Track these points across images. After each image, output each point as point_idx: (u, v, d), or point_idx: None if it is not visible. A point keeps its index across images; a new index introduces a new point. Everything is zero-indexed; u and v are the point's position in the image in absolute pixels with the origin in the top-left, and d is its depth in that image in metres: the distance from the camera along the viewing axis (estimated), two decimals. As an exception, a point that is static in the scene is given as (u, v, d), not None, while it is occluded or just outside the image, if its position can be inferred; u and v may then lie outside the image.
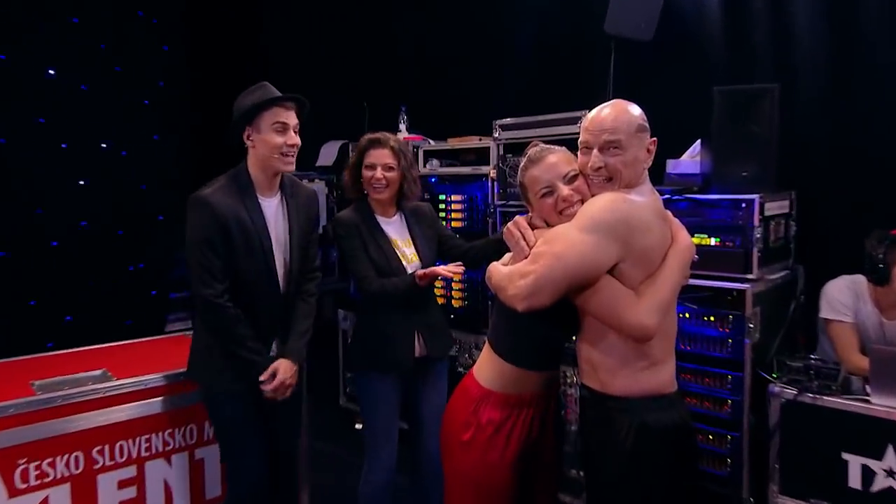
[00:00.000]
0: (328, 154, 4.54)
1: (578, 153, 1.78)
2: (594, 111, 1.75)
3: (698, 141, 2.91)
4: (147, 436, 2.32)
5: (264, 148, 2.15)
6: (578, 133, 2.86)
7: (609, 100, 2.78)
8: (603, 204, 1.63)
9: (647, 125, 1.73)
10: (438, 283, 3.54)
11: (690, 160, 2.90)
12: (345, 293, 4.41)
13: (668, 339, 1.71)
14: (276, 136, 2.14)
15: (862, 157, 2.87)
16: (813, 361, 2.39)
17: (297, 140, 2.18)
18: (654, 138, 1.74)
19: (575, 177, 1.77)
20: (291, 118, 2.18)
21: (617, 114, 1.69)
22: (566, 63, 3.70)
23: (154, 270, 4.45)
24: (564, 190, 1.74)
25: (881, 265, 2.48)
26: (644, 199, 1.68)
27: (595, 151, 1.69)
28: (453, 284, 3.46)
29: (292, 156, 2.18)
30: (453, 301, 3.48)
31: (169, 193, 4.53)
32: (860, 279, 2.57)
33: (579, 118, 2.91)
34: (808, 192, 2.90)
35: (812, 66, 2.99)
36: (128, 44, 4.36)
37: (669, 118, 2.71)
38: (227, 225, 2.08)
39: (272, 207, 2.22)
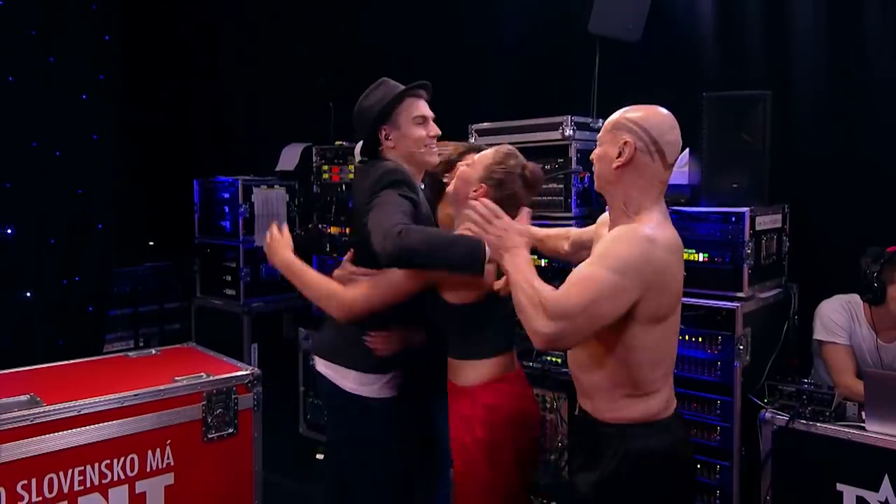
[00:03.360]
0: (289, 158, 4.55)
1: None
2: None
3: (687, 150, 2.98)
4: (81, 468, 2.27)
5: (408, 144, 2.19)
6: (559, 139, 3.00)
7: (594, 102, 2.85)
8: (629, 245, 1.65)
9: (631, 126, 1.73)
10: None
11: (679, 170, 2.97)
12: (306, 310, 4.41)
13: (663, 365, 1.77)
14: (418, 129, 2.19)
15: (858, 170, 2.98)
16: (806, 386, 2.46)
17: (438, 130, 2.24)
18: (629, 140, 1.71)
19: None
20: (428, 108, 2.24)
21: (616, 114, 1.80)
22: (548, 65, 3.78)
23: (91, 285, 4.38)
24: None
25: (876, 284, 2.57)
26: (662, 235, 1.70)
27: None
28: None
29: (436, 147, 2.23)
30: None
31: (108, 199, 4.49)
32: (856, 299, 2.66)
33: (560, 124, 2.97)
34: (802, 205, 2.99)
35: (806, 73, 3.09)
36: (63, 31, 4.29)
37: (657, 125, 2.79)
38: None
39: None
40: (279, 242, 2.24)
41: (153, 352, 2.94)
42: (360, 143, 3.62)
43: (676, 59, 3.47)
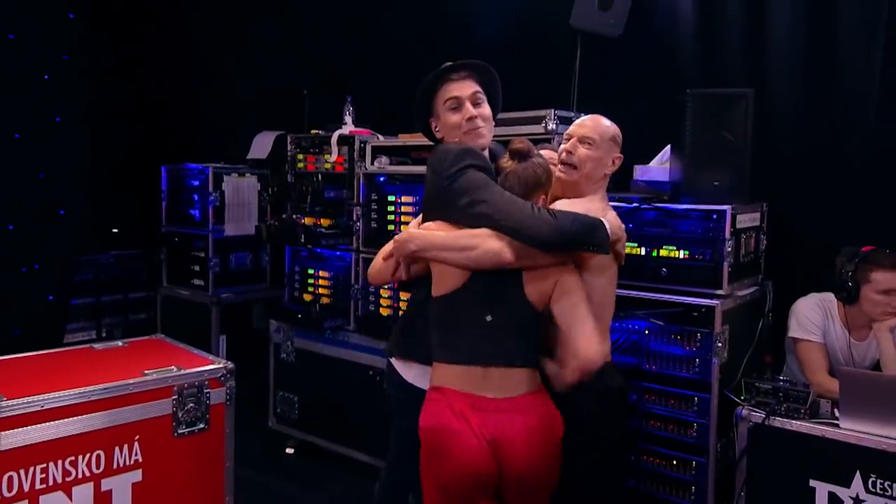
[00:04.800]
0: (261, 146, 4.47)
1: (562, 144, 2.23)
2: (588, 117, 2.24)
3: (668, 146, 2.99)
4: (43, 465, 2.18)
5: (448, 132, 2.13)
6: (542, 133, 2.97)
7: (574, 97, 3.14)
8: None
9: (619, 141, 2.21)
10: (385, 293, 3.53)
11: (659, 167, 2.99)
12: (276, 302, 4.34)
13: (609, 310, 2.18)
14: (452, 115, 2.10)
15: (832, 169, 3.03)
16: (782, 383, 2.49)
17: (474, 111, 2.08)
18: (621, 155, 2.20)
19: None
20: (464, 88, 2.10)
21: (598, 119, 2.22)
22: (529, 58, 3.75)
23: (52, 272, 4.24)
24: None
25: (850, 283, 2.61)
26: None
27: (574, 140, 2.16)
28: (402, 294, 3.43)
29: (479, 128, 2.09)
30: (401, 312, 3.45)
31: (72, 184, 4.34)
32: (830, 297, 2.70)
33: (544, 117, 2.95)
34: (777, 203, 3.02)
35: (782, 72, 3.13)
36: (24, 8, 4.14)
37: (638, 121, 2.79)
38: None
39: None
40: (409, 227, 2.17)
41: (120, 344, 2.85)
42: (337, 133, 3.64)
43: (657, 55, 3.49)
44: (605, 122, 2.21)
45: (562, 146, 2.21)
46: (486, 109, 2.12)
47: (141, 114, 5.01)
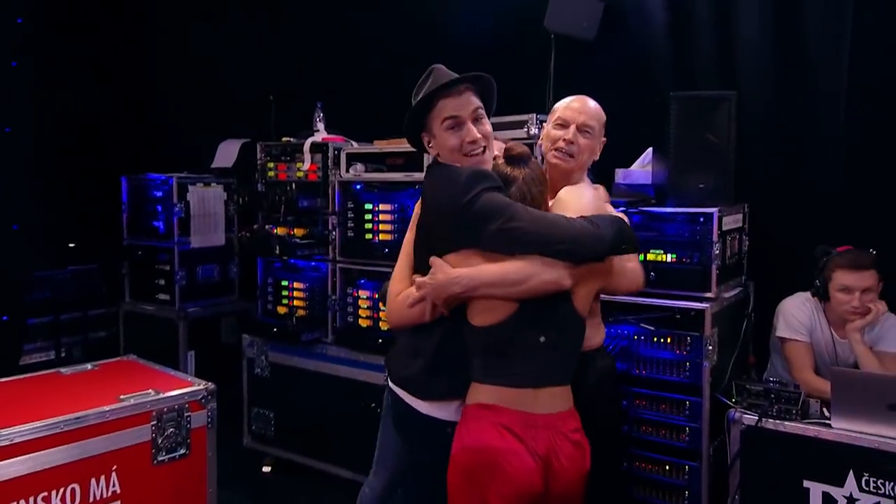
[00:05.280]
0: (226, 154, 4.36)
1: (548, 127, 2.18)
2: (574, 97, 2.19)
3: (650, 149, 2.99)
4: (14, 503, 2.04)
5: (445, 153, 1.94)
6: (524, 138, 2.94)
7: (550, 101, 3.03)
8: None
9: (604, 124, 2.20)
10: (364, 304, 3.45)
11: (641, 170, 2.98)
12: (246, 315, 4.21)
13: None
14: (450, 136, 1.90)
15: (806, 169, 3.07)
16: (772, 384, 2.50)
17: (476, 134, 1.90)
18: (605, 139, 2.22)
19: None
20: (465, 105, 1.91)
21: (594, 105, 2.17)
22: (504, 61, 3.71)
23: (6, 291, 4.02)
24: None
25: (818, 282, 2.67)
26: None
27: (573, 128, 2.10)
28: (381, 305, 3.36)
29: (480, 151, 1.92)
30: (381, 323, 3.39)
31: (25, 197, 4.13)
32: None
33: (526, 122, 2.93)
34: (754, 204, 3.04)
35: (755, 74, 3.16)
36: (-31, 12, 3.93)
37: (615, 124, 2.77)
38: None
39: None
40: (440, 267, 1.89)
41: (89, 367, 2.70)
42: (309, 140, 3.54)
43: (631, 58, 3.49)
44: (597, 105, 2.19)
45: (555, 131, 2.13)
46: (487, 127, 1.95)
47: (97, 122, 4.80)
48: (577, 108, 2.14)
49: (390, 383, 2.07)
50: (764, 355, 2.97)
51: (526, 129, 2.91)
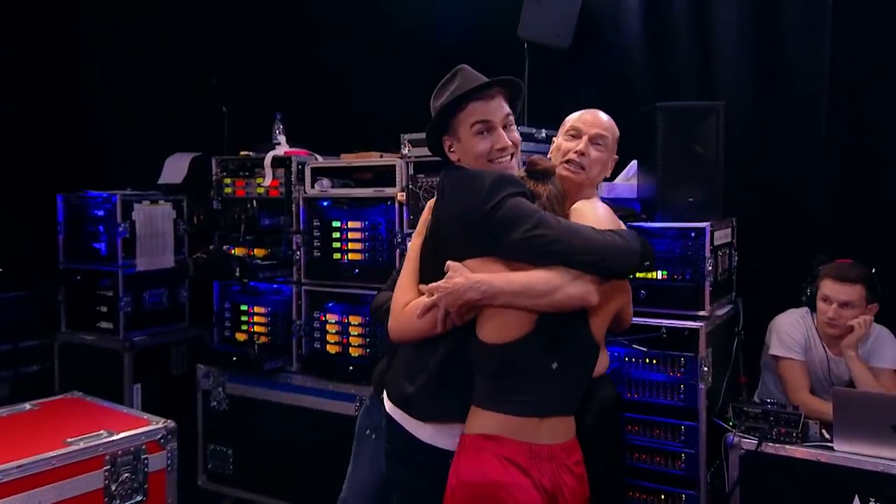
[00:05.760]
0: (175, 169, 4.20)
1: (559, 139, 2.14)
2: (587, 110, 2.17)
3: (633, 162, 2.98)
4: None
5: (470, 158, 1.90)
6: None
7: (525, 111, 3.05)
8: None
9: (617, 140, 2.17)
10: (332, 328, 3.34)
11: (626, 183, 2.97)
12: (199, 342, 4.04)
13: None
14: (479, 141, 1.88)
15: (790, 177, 3.10)
16: (771, 406, 2.49)
17: (507, 141, 1.90)
18: (617, 157, 2.18)
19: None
20: (497, 110, 1.90)
21: (603, 116, 2.16)
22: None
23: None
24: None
25: (810, 289, 2.71)
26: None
27: (585, 139, 2.06)
28: (351, 329, 3.27)
29: (508, 158, 1.92)
30: (351, 349, 3.29)
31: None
32: (809, 312, 2.75)
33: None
34: (743, 218, 3.05)
35: (735, 80, 3.20)
36: None
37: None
38: None
39: None
40: (458, 271, 1.79)
41: (28, 406, 2.51)
42: (271, 154, 3.43)
43: (607, 67, 3.51)
44: (610, 119, 2.16)
45: (567, 143, 2.09)
46: (516, 134, 1.95)
47: (29, 136, 4.55)
48: (590, 119, 2.11)
49: (387, 406, 1.95)
50: (754, 374, 2.97)
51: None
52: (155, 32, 4.61)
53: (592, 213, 1.93)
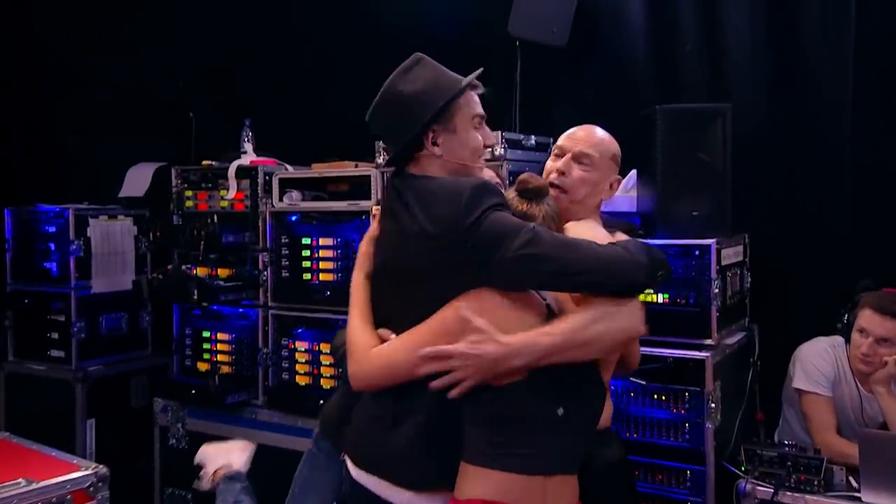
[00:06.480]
0: (137, 181, 4.13)
1: (549, 159, 2.06)
2: (581, 126, 2.08)
3: (633, 172, 2.85)
4: None
5: (462, 152, 1.78)
6: (488, 159, 2.76)
7: (517, 116, 3.04)
8: None
9: (619, 160, 2.07)
10: (301, 357, 3.22)
11: (625, 195, 2.84)
12: (162, 373, 3.91)
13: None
14: (476, 136, 1.81)
15: (810, 190, 2.97)
16: (788, 449, 2.34)
17: (493, 138, 1.95)
18: (620, 178, 2.09)
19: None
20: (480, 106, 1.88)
21: (600, 134, 2.05)
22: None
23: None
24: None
25: (847, 316, 2.55)
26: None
27: (567, 157, 1.98)
28: (322, 358, 3.17)
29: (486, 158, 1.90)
30: (322, 381, 3.18)
31: None
32: (839, 341, 2.60)
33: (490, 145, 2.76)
34: (757, 235, 2.94)
35: (749, 83, 3.08)
36: None
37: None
38: None
39: None
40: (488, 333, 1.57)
41: (-57, 449, 2.37)
42: (235, 164, 3.31)
43: (607, 68, 3.40)
44: (604, 135, 2.05)
45: (550, 162, 2.02)
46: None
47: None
48: (578, 136, 2.03)
49: (353, 472, 1.73)
50: (774, 410, 2.82)
51: (490, 151, 2.73)
52: (115, 37, 4.52)
53: (589, 232, 1.79)
